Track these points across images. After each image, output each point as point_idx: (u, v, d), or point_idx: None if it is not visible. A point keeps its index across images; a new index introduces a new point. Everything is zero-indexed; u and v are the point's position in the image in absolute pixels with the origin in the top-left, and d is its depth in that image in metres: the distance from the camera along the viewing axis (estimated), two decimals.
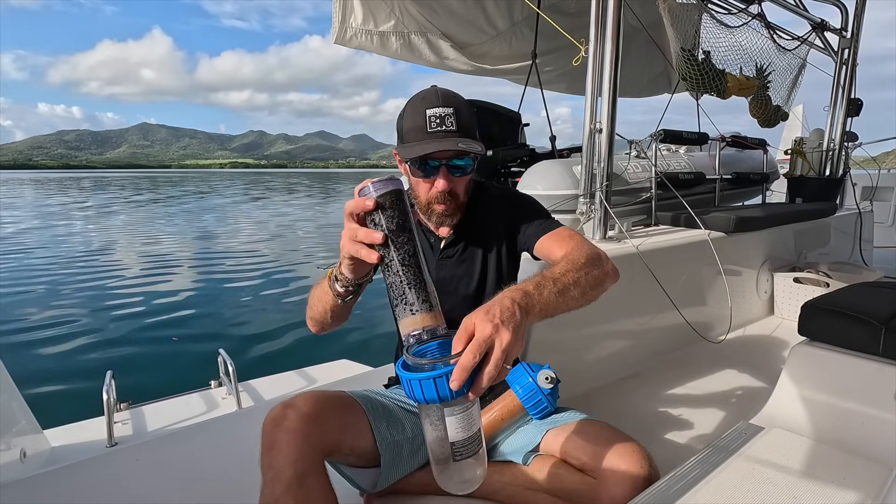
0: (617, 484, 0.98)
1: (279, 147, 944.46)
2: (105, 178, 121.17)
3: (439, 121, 1.02)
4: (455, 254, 1.21)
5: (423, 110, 1.04)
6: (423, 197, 1.12)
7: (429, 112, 1.03)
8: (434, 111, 1.03)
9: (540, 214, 1.23)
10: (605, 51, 1.92)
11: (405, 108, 1.08)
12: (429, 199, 1.11)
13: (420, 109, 1.04)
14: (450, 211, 1.13)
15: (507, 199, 1.25)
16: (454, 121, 1.03)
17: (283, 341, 4.79)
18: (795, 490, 0.92)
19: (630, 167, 2.54)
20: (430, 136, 1.03)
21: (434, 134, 1.03)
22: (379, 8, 2.64)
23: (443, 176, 1.07)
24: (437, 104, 1.03)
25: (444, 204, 1.11)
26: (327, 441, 0.98)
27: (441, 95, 1.05)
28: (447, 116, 1.03)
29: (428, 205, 1.12)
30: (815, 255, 3.13)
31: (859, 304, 1.35)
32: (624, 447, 1.03)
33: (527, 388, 1.13)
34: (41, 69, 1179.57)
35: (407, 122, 1.07)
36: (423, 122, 1.03)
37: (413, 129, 1.05)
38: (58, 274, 7.76)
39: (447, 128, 1.03)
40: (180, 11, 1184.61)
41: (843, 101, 3.50)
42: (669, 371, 2.00)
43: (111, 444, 1.24)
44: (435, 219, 1.15)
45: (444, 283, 1.20)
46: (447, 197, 1.10)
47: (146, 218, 17.52)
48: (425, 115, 1.03)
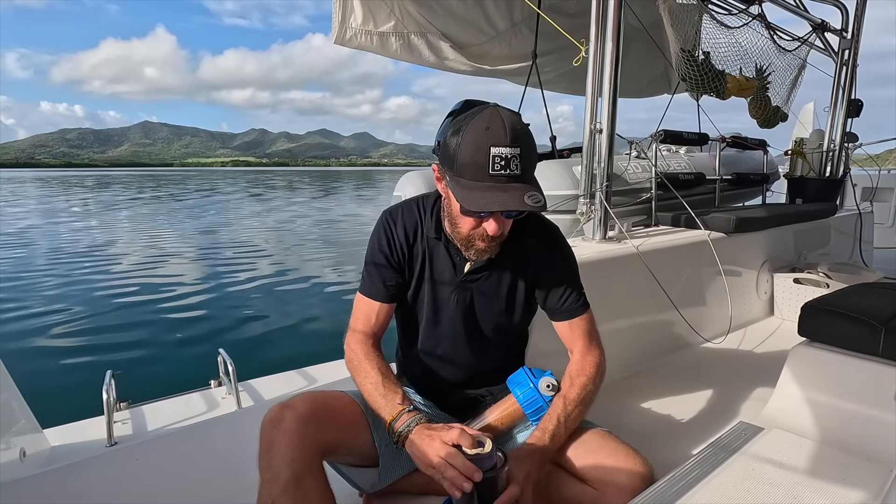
0: (618, 496, 0.97)
1: (281, 145, 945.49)
2: (108, 175, 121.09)
3: (504, 163, 0.90)
4: (479, 279, 1.15)
5: (486, 147, 0.90)
6: (465, 230, 1.03)
7: (493, 151, 0.89)
8: (499, 151, 0.89)
9: (575, 284, 1.17)
10: (605, 51, 1.92)
11: (465, 133, 0.92)
12: (471, 235, 1.03)
13: (483, 145, 0.90)
14: (490, 249, 1.06)
15: (547, 242, 1.18)
16: (519, 163, 0.91)
17: (283, 341, 4.79)
18: (795, 490, 0.92)
19: (630, 167, 2.54)
20: (491, 180, 0.91)
21: (496, 178, 0.91)
22: (379, 8, 2.64)
23: (496, 221, 0.98)
24: (504, 142, 0.89)
25: (487, 243, 1.03)
26: (325, 442, 0.98)
27: (510, 131, 0.90)
28: (513, 159, 0.90)
29: (469, 239, 1.04)
30: (815, 256, 3.13)
31: (859, 305, 1.35)
32: (626, 459, 1.02)
33: (528, 394, 1.12)
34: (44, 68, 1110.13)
35: (465, 154, 0.92)
36: (485, 160, 0.90)
37: (471, 166, 0.92)
38: (58, 273, 7.76)
39: (511, 172, 0.90)
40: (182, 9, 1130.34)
41: (843, 102, 3.50)
42: (669, 371, 2.00)
43: (111, 444, 1.24)
44: (473, 253, 1.07)
45: (462, 303, 1.15)
46: (493, 238, 1.02)
47: (147, 216, 17.53)
48: (489, 154, 0.90)
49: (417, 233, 1.14)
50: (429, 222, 1.14)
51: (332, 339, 4.84)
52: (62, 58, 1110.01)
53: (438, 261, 1.14)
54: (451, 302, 1.15)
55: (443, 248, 1.14)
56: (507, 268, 1.15)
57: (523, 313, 1.20)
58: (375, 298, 1.14)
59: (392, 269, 1.14)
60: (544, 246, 1.17)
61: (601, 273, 1.86)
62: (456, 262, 1.14)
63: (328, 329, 5.11)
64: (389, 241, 1.14)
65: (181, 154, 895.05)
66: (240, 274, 7.79)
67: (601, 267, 1.86)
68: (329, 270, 8.00)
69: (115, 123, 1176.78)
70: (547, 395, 1.12)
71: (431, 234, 1.13)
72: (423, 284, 1.16)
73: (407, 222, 1.14)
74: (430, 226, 1.13)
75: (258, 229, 14.09)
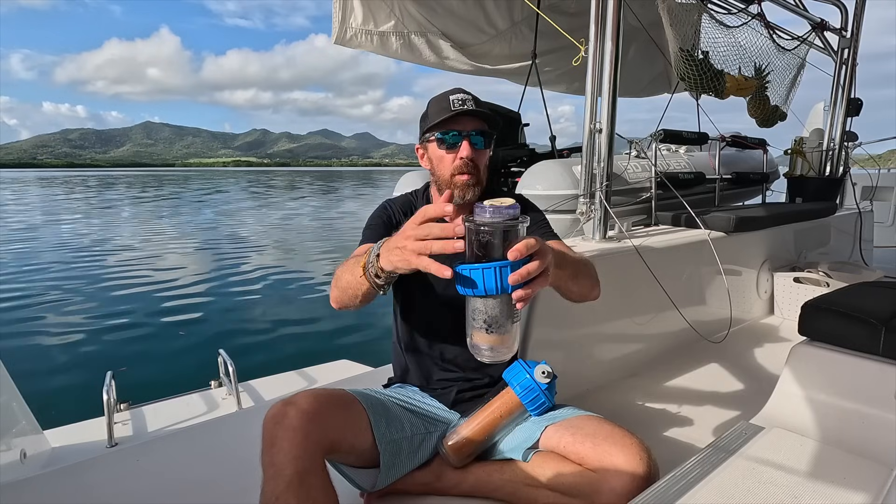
0: (616, 477, 1.00)
1: (282, 145, 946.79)
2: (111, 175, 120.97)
3: (461, 102, 1.16)
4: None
5: (446, 96, 1.18)
6: (446, 171, 1.19)
7: (452, 97, 1.17)
8: (456, 96, 1.17)
9: (545, 224, 1.35)
10: (604, 51, 1.92)
11: (430, 103, 1.22)
12: (452, 171, 1.18)
13: (444, 97, 1.19)
14: (473, 181, 1.19)
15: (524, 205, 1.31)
16: (474, 103, 1.17)
17: (283, 341, 4.79)
18: (796, 490, 0.92)
19: (630, 167, 2.54)
20: (454, 112, 1.15)
21: (457, 111, 1.16)
22: (379, 8, 2.64)
23: (465, 146, 1.17)
24: (458, 92, 1.19)
25: (468, 174, 1.18)
26: (328, 439, 0.99)
27: (462, 90, 1.20)
28: (468, 100, 1.17)
29: (451, 177, 1.19)
30: (815, 255, 3.13)
31: (859, 304, 1.35)
32: (622, 440, 1.04)
33: (524, 384, 1.14)
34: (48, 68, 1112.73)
35: (432, 109, 1.20)
36: (447, 104, 1.17)
37: (438, 111, 1.17)
38: (58, 273, 7.76)
39: (468, 107, 1.16)
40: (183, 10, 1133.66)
41: (842, 101, 3.50)
42: (669, 371, 2.00)
43: (111, 445, 1.24)
44: (458, 191, 1.19)
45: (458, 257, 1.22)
46: (471, 166, 1.18)
47: (147, 217, 17.53)
48: (448, 99, 1.17)
49: (412, 209, 1.29)
50: (421, 202, 1.31)
51: (333, 339, 4.84)
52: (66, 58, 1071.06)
53: None
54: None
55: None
56: None
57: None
58: (371, 242, 1.15)
59: (388, 226, 1.27)
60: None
61: (601, 273, 1.86)
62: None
63: (329, 329, 5.12)
64: (389, 213, 1.30)
65: (183, 154, 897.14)
66: (240, 274, 7.79)
67: (601, 266, 1.86)
68: (330, 270, 8.00)
69: (117, 124, 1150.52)
70: (543, 383, 1.13)
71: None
72: None
73: (402, 204, 1.33)
74: (422, 202, 1.31)
75: (259, 229, 14.09)
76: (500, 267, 0.75)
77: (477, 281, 0.76)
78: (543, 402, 1.16)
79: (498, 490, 1.16)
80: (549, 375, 1.14)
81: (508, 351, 0.81)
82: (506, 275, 0.75)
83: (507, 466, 1.17)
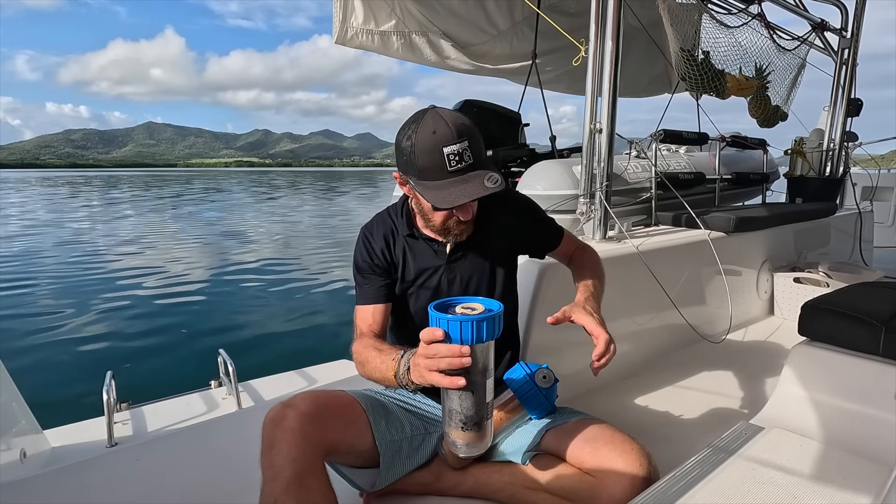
0: (616, 482, 0.99)
1: (284, 146, 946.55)
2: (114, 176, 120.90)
3: (457, 157, 0.99)
4: (461, 257, 1.22)
5: (439, 149, 0.99)
6: (438, 222, 1.13)
7: (446, 150, 0.98)
8: (451, 149, 0.98)
9: (546, 222, 1.34)
10: (605, 51, 1.92)
11: (417, 141, 1.00)
12: (447, 225, 1.13)
13: (436, 148, 0.99)
14: (467, 230, 1.16)
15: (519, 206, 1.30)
16: (470, 154, 1.00)
17: (283, 341, 4.79)
18: (796, 490, 0.92)
19: (630, 167, 2.54)
20: (451, 176, 1.00)
21: (455, 172, 1.00)
22: (380, 7, 2.64)
23: (465, 209, 1.08)
24: (452, 140, 0.99)
25: (462, 227, 1.14)
26: (327, 440, 0.99)
27: (454, 128, 0.99)
28: (464, 151, 1.00)
29: (445, 228, 1.14)
30: (816, 255, 3.13)
31: (859, 304, 1.35)
32: (623, 445, 1.04)
33: (525, 387, 1.13)
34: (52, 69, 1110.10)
35: (422, 160, 1.00)
36: (441, 160, 0.99)
37: (431, 168, 1.00)
38: (58, 273, 7.76)
39: (466, 163, 1.00)
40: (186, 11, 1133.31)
41: (843, 101, 3.50)
42: (669, 371, 2.00)
43: (111, 445, 1.24)
44: (449, 238, 1.17)
45: (452, 284, 1.21)
46: (465, 223, 1.13)
47: (148, 216, 17.53)
48: (443, 154, 0.99)
49: (394, 235, 1.23)
50: (401, 223, 1.22)
51: (333, 338, 4.84)
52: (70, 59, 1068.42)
53: (419, 253, 1.21)
54: (442, 285, 1.20)
55: (420, 240, 1.21)
56: (483, 238, 1.22)
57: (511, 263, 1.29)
58: (369, 302, 1.20)
59: (377, 274, 1.21)
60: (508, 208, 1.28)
61: None
62: (436, 249, 1.21)
63: (329, 329, 5.11)
64: (370, 252, 1.22)
65: (185, 154, 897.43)
66: (240, 273, 7.79)
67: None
68: (330, 269, 8.00)
69: (119, 124, 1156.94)
70: (544, 387, 1.13)
71: (405, 231, 1.21)
72: (412, 277, 1.21)
73: (383, 230, 1.23)
74: (403, 225, 1.22)
75: (259, 228, 14.09)
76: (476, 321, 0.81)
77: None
78: (544, 405, 1.15)
79: (497, 492, 1.16)
80: (550, 379, 1.14)
81: (484, 446, 0.88)
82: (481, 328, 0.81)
83: (506, 469, 1.17)
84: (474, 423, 0.84)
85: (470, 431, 0.85)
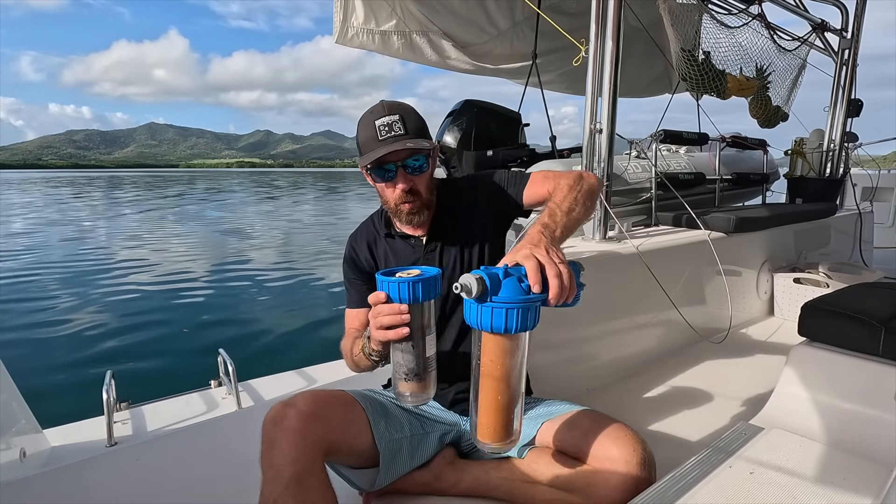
0: (610, 469, 1.01)
1: (285, 146, 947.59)
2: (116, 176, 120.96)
3: (387, 128, 1.10)
4: (437, 248, 1.24)
5: (371, 122, 1.11)
6: (390, 201, 1.18)
7: (377, 122, 1.10)
8: (381, 120, 1.10)
9: (510, 176, 1.28)
10: (605, 51, 1.92)
11: (358, 125, 1.15)
12: (395, 202, 1.17)
13: (370, 122, 1.11)
14: (416, 209, 1.18)
15: (474, 183, 1.31)
16: (402, 125, 1.10)
17: (283, 341, 4.79)
18: (795, 490, 0.92)
19: (630, 167, 2.54)
20: (381, 143, 1.09)
21: (385, 140, 1.09)
22: (380, 7, 2.64)
23: (401, 176, 1.13)
24: (383, 114, 1.11)
25: (409, 203, 1.16)
26: (327, 440, 0.99)
27: (386, 106, 1.12)
28: (394, 123, 1.10)
29: (396, 207, 1.18)
30: (815, 256, 3.13)
31: (859, 305, 1.35)
32: (615, 432, 1.06)
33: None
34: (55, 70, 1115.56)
35: (361, 136, 1.14)
36: (373, 132, 1.10)
37: (366, 141, 1.12)
38: (58, 273, 7.76)
39: (395, 133, 1.10)
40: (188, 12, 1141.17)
41: (843, 102, 3.50)
42: (669, 371, 2.00)
43: (111, 444, 1.23)
44: (404, 218, 1.19)
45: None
46: (410, 196, 1.15)
47: (148, 216, 17.53)
48: (374, 126, 1.10)
49: (376, 238, 1.30)
50: (380, 225, 1.29)
51: (333, 338, 4.84)
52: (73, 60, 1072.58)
53: (399, 250, 1.27)
54: None
55: (398, 239, 1.27)
56: (454, 225, 1.25)
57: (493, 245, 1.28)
58: (355, 306, 1.28)
59: (363, 280, 1.28)
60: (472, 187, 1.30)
61: (601, 273, 1.86)
62: (413, 244, 1.26)
63: (329, 328, 5.11)
64: (355, 259, 1.30)
65: (187, 155, 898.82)
66: (240, 273, 7.79)
67: (601, 267, 1.87)
68: (331, 269, 8.00)
69: (121, 125, 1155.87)
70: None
71: (385, 232, 1.28)
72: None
73: (366, 235, 1.31)
74: (382, 226, 1.29)
75: (259, 228, 14.08)
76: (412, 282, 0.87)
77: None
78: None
79: (496, 488, 1.16)
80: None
81: (427, 397, 0.95)
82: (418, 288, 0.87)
83: (504, 464, 1.18)
84: (415, 374, 0.92)
85: (412, 381, 0.92)
